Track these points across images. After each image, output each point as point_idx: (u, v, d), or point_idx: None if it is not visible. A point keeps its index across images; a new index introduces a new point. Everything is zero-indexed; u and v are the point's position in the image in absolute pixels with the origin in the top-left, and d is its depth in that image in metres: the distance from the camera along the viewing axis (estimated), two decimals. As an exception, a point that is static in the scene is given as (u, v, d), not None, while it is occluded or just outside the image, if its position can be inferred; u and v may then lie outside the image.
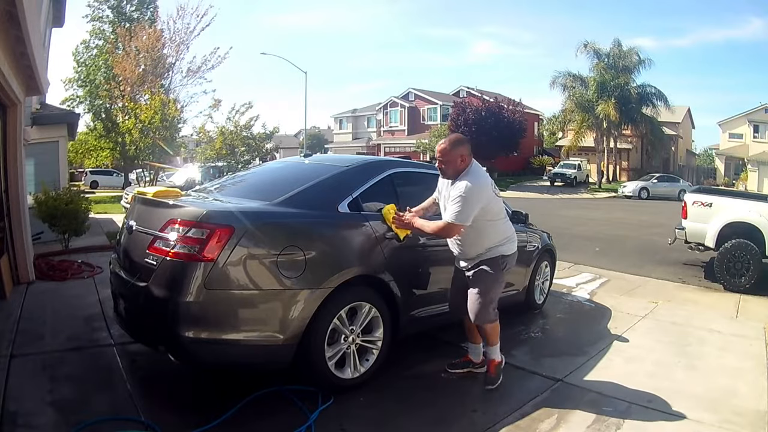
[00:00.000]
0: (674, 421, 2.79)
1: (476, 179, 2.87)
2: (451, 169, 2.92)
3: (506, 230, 3.09)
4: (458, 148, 2.92)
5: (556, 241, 5.51)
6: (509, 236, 3.09)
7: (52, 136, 9.40)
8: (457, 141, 2.98)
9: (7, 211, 5.00)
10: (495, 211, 2.98)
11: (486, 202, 2.88)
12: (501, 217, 3.05)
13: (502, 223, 3.06)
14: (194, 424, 2.40)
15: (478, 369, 3.28)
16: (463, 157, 2.93)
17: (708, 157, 54.19)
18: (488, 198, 2.91)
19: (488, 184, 2.94)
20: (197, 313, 2.45)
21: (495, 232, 3.00)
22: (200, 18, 21.99)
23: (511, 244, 3.10)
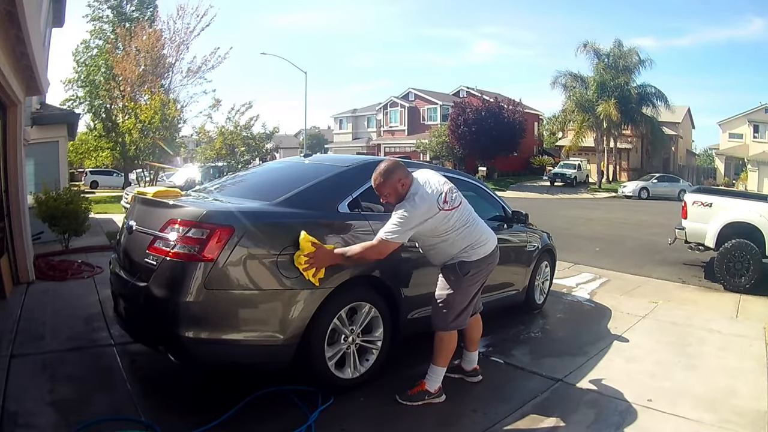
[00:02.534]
0: (674, 421, 2.79)
1: (414, 201, 2.68)
2: (394, 198, 2.77)
3: (469, 239, 2.84)
4: (392, 177, 2.74)
5: (556, 241, 5.51)
6: (474, 243, 2.85)
7: (52, 136, 9.39)
8: (387, 171, 2.77)
9: (7, 211, 5.00)
10: (448, 226, 2.76)
11: (429, 221, 2.69)
12: (457, 228, 2.79)
13: (460, 233, 2.81)
14: (194, 424, 2.40)
15: (469, 377, 3.20)
16: (402, 182, 2.76)
17: (708, 157, 54.19)
18: (431, 216, 2.69)
19: (431, 203, 2.70)
20: (197, 313, 2.45)
21: (453, 245, 2.83)
22: (200, 18, 22.07)
23: (475, 250, 2.86)
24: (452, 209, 2.79)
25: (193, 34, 22.14)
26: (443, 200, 2.76)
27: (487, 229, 3.00)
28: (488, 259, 2.93)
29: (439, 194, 2.76)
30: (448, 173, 4.25)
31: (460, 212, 2.82)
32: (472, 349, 3.20)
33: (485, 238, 2.93)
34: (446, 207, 2.76)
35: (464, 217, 2.85)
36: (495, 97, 31.56)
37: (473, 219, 2.92)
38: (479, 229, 2.92)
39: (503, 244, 4.30)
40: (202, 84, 25.90)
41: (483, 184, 4.79)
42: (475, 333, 3.19)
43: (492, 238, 2.98)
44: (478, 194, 4.47)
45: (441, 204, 2.73)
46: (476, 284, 2.93)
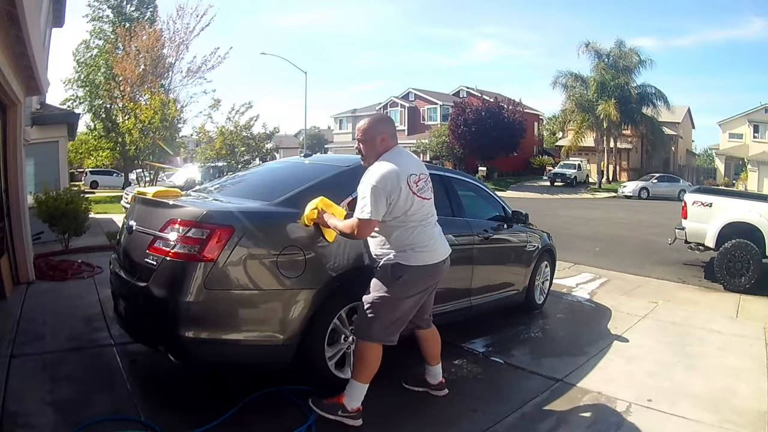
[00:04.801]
0: (674, 421, 2.79)
1: (387, 165, 2.46)
2: (367, 150, 2.59)
3: (414, 238, 2.53)
4: (377, 127, 2.59)
5: (556, 241, 5.51)
6: (417, 244, 2.53)
7: (52, 136, 9.39)
8: (377, 118, 2.65)
9: (7, 211, 5.00)
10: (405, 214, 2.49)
11: (396, 194, 2.44)
12: (410, 221, 2.51)
13: (409, 229, 2.52)
14: (194, 424, 2.40)
15: (434, 391, 2.97)
16: (383, 138, 2.56)
17: (708, 157, 54.18)
18: (400, 189, 2.44)
19: (402, 176, 2.45)
20: (197, 313, 2.45)
21: (396, 238, 2.53)
22: (200, 18, 22.06)
23: (417, 253, 2.53)
24: (419, 196, 2.53)
25: (192, 34, 22.16)
26: (414, 181, 2.52)
27: (442, 240, 2.71)
28: (429, 270, 2.58)
29: (411, 173, 2.52)
30: (449, 173, 4.27)
31: (423, 206, 2.56)
32: (433, 363, 2.97)
33: (433, 244, 2.60)
34: (414, 189, 2.51)
35: (423, 214, 2.57)
36: (495, 97, 31.57)
37: (432, 222, 2.65)
38: (432, 233, 2.62)
39: (503, 244, 4.35)
40: (202, 84, 25.92)
41: (483, 184, 4.79)
42: (431, 348, 2.94)
43: (442, 249, 2.67)
44: (478, 194, 4.49)
45: (411, 184, 2.50)
46: (411, 297, 2.58)
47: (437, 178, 3.96)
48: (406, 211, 2.49)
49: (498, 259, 4.29)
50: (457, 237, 3.75)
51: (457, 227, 3.79)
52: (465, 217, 3.91)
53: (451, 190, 3.97)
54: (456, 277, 3.77)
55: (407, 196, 2.48)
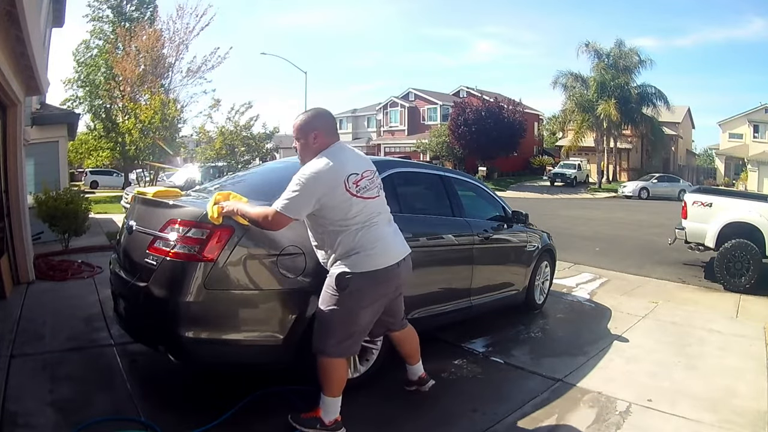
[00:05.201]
0: (674, 421, 2.79)
1: (323, 163, 2.27)
2: (301, 150, 2.43)
3: (358, 240, 2.31)
4: (310, 123, 2.40)
5: (556, 241, 5.51)
6: (361, 248, 2.31)
7: (52, 136, 9.40)
8: (311, 115, 2.45)
9: (7, 211, 5.00)
10: (346, 216, 2.29)
11: (330, 196, 2.25)
12: (354, 224, 2.31)
13: (353, 232, 2.32)
14: (194, 424, 2.40)
15: (422, 387, 2.93)
16: (317, 135, 2.37)
17: (708, 157, 54.19)
18: (333, 191, 2.25)
19: (336, 175, 2.26)
20: (197, 313, 2.45)
21: (340, 244, 2.33)
22: (199, 18, 22.08)
23: (361, 257, 2.31)
24: (359, 197, 2.31)
25: (192, 34, 22.20)
26: (354, 181, 2.30)
27: (396, 240, 2.47)
28: (380, 276, 2.35)
29: (351, 173, 2.31)
30: (449, 173, 4.27)
31: (365, 206, 2.33)
32: (412, 363, 2.90)
33: (382, 246, 2.36)
34: (353, 190, 2.29)
35: (368, 214, 2.34)
36: (495, 97, 31.58)
37: (380, 222, 2.40)
38: (379, 234, 2.37)
39: (503, 244, 4.35)
40: (202, 84, 25.96)
41: (483, 184, 4.79)
42: (408, 347, 2.84)
43: (395, 251, 2.43)
44: (478, 194, 4.49)
45: (349, 184, 2.28)
46: (366, 308, 2.38)
47: (437, 178, 3.98)
48: (345, 213, 2.29)
49: (498, 259, 4.29)
50: (457, 237, 3.75)
51: (457, 227, 3.80)
52: (465, 217, 3.91)
53: (451, 190, 3.97)
54: (456, 277, 3.77)
55: (345, 198, 2.27)
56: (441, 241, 3.63)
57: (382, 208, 2.46)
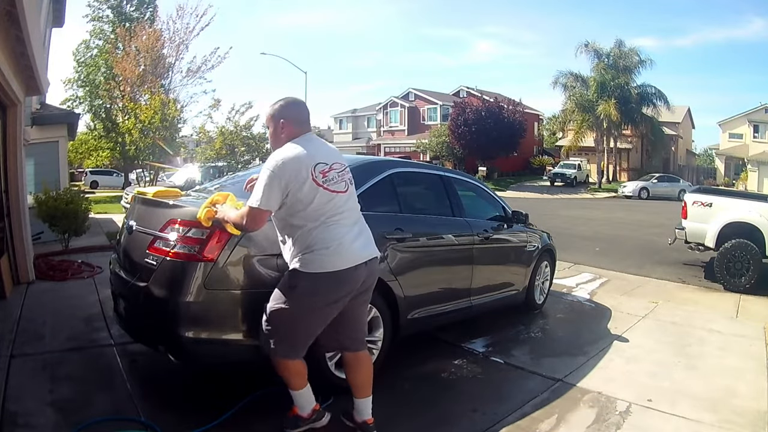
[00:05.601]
0: (674, 421, 2.79)
1: (290, 150, 2.19)
2: (271, 138, 2.36)
3: (315, 237, 2.19)
4: (280, 112, 2.33)
5: (556, 241, 5.51)
6: (317, 245, 2.18)
7: (52, 136, 9.40)
8: (284, 103, 2.37)
9: (7, 211, 5.00)
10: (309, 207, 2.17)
11: (296, 183, 2.14)
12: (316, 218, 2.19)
13: (314, 227, 2.19)
14: (194, 424, 2.40)
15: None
16: (285, 125, 2.30)
17: (708, 157, 54.19)
18: (302, 178, 2.15)
19: (302, 165, 2.16)
20: (197, 313, 2.45)
21: (299, 239, 2.21)
22: (199, 18, 22.04)
23: (315, 256, 2.18)
24: (326, 189, 2.19)
25: (192, 34, 22.14)
26: (321, 171, 2.20)
27: (360, 242, 2.28)
28: (332, 278, 2.19)
29: (319, 162, 2.21)
30: (449, 173, 4.28)
31: (331, 200, 2.21)
32: (358, 396, 2.45)
33: (339, 246, 2.19)
34: (319, 180, 2.18)
35: (332, 210, 2.21)
36: (495, 97, 31.58)
37: (345, 222, 2.25)
38: (339, 233, 2.21)
39: (503, 244, 4.35)
40: (202, 84, 25.86)
41: (483, 184, 4.80)
42: (357, 376, 2.45)
43: (355, 254, 2.24)
44: (478, 194, 4.49)
45: (316, 173, 2.18)
46: (313, 312, 2.24)
47: (437, 178, 3.98)
48: (309, 205, 2.16)
49: (498, 259, 4.29)
50: (457, 237, 3.75)
51: (457, 227, 3.80)
52: (465, 217, 3.92)
53: (451, 190, 3.98)
54: (456, 277, 3.78)
55: (310, 187, 2.15)
56: (441, 241, 3.63)
57: (348, 205, 2.30)
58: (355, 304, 2.37)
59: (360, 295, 2.35)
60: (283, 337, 2.26)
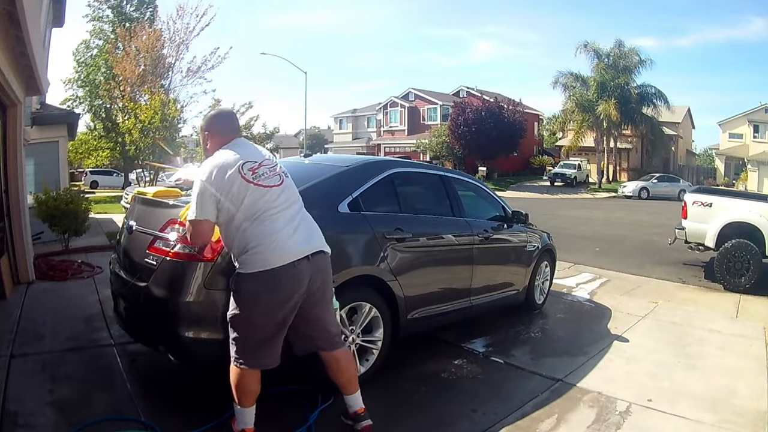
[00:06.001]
0: (674, 421, 2.79)
1: (207, 164, 2.18)
2: (204, 152, 2.35)
3: (251, 236, 2.13)
4: (206, 124, 2.35)
5: (556, 241, 5.51)
6: (259, 244, 2.12)
7: (52, 136, 9.41)
8: (209, 117, 2.39)
9: (7, 211, 5.00)
10: (242, 205, 2.12)
11: (227, 185, 2.11)
12: (249, 216, 2.13)
13: (250, 224, 2.13)
14: (194, 424, 2.40)
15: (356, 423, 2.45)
16: (210, 136, 2.31)
17: (708, 157, 54.20)
18: (231, 179, 2.11)
19: (225, 168, 2.12)
20: (197, 313, 2.45)
21: (239, 241, 2.16)
22: (200, 18, 22.03)
23: (251, 257, 2.12)
24: (257, 185, 2.15)
25: (192, 34, 22.13)
26: (250, 168, 2.16)
27: (299, 235, 2.21)
28: (270, 280, 2.11)
29: (247, 161, 2.18)
30: (449, 173, 4.28)
31: (264, 195, 2.16)
32: (346, 393, 2.45)
33: (273, 243, 2.12)
34: (249, 177, 2.14)
35: (266, 204, 2.15)
36: (495, 97, 31.58)
37: (280, 216, 2.18)
38: (274, 228, 2.14)
39: (503, 244, 4.35)
40: (202, 84, 25.88)
41: (483, 184, 4.80)
42: (339, 375, 2.42)
43: (287, 250, 2.14)
44: (478, 194, 4.49)
45: (245, 170, 2.14)
46: (264, 315, 2.15)
47: (437, 178, 3.99)
48: (241, 204, 2.12)
49: (498, 259, 4.30)
50: (457, 237, 3.76)
51: (457, 227, 3.80)
52: (465, 217, 3.92)
53: (451, 190, 3.98)
54: (456, 277, 3.78)
55: (240, 186, 2.12)
56: (441, 241, 3.63)
57: (284, 198, 2.23)
58: (313, 304, 2.28)
59: (313, 295, 2.26)
60: (242, 343, 2.19)
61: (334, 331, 2.43)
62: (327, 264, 2.34)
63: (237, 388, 2.22)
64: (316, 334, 2.36)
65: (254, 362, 2.20)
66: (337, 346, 2.42)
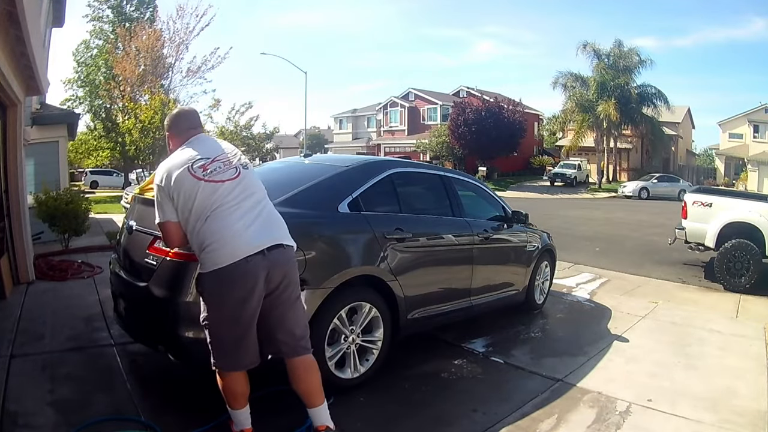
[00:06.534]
0: (674, 421, 2.79)
1: (167, 161, 2.20)
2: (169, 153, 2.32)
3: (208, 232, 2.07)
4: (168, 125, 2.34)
5: (556, 241, 5.51)
6: (211, 241, 2.06)
7: (52, 136, 9.40)
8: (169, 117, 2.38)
9: (7, 211, 5.00)
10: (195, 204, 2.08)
11: (177, 186, 2.09)
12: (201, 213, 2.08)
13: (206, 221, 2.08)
14: (194, 424, 2.41)
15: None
16: (171, 136, 2.32)
17: (708, 157, 54.20)
18: (180, 180, 2.10)
19: (178, 163, 2.13)
20: (197, 313, 2.44)
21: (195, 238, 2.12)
22: (200, 18, 22.09)
23: (210, 255, 2.07)
24: (208, 181, 2.09)
25: (192, 34, 22.21)
26: (200, 166, 2.12)
27: (252, 229, 2.10)
28: (224, 278, 2.04)
29: (198, 158, 2.14)
30: (449, 173, 4.28)
31: (217, 191, 2.09)
32: (309, 405, 2.26)
33: (220, 240, 2.04)
34: (198, 174, 2.10)
35: (218, 199, 2.08)
36: (495, 97, 31.57)
37: (234, 209, 2.09)
38: (224, 224, 2.06)
39: (503, 244, 4.35)
40: (202, 84, 26.00)
41: (483, 184, 4.80)
42: (301, 383, 2.24)
43: (239, 245, 2.05)
44: (478, 194, 4.49)
45: (194, 168, 2.11)
46: (226, 313, 2.09)
47: (437, 178, 3.99)
48: (194, 202, 2.08)
49: (498, 259, 4.30)
50: (457, 237, 3.76)
51: (457, 227, 3.80)
52: (465, 217, 3.92)
53: (451, 190, 3.98)
54: (456, 277, 3.78)
55: (191, 184, 2.08)
56: (441, 241, 3.63)
57: (240, 190, 2.14)
58: (276, 303, 2.16)
59: (275, 292, 2.14)
60: (216, 345, 2.15)
61: (299, 334, 2.23)
62: (287, 259, 2.18)
63: (224, 392, 2.21)
64: (280, 336, 2.19)
65: (232, 364, 2.15)
66: (301, 352, 2.22)
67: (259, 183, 2.27)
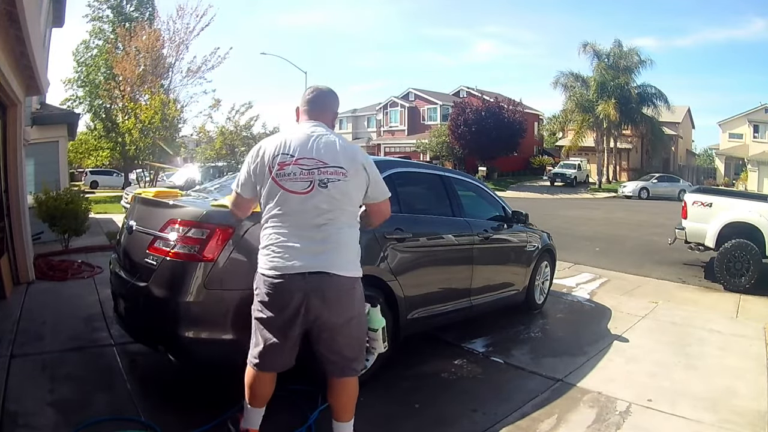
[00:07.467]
0: (674, 421, 2.79)
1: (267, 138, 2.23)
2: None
3: (266, 236, 2.11)
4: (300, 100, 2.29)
5: (556, 241, 5.51)
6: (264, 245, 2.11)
7: (52, 136, 9.40)
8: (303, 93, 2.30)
9: (7, 211, 5.00)
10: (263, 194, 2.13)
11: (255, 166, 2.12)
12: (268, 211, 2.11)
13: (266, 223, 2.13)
14: (194, 424, 2.40)
15: None
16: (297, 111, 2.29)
17: (708, 157, 54.20)
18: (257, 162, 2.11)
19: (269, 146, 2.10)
20: (197, 313, 2.45)
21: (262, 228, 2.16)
22: (200, 18, 22.02)
23: (261, 258, 2.11)
24: (276, 183, 2.01)
25: (192, 34, 22.11)
26: (279, 162, 2.01)
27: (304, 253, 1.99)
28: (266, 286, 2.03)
29: (283, 152, 2.03)
30: (449, 173, 4.28)
31: (278, 197, 2.01)
32: (337, 419, 2.23)
33: (275, 250, 2.01)
34: (275, 170, 2.01)
35: (280, 207, 2.01)
36: (495, 97, 31.57)
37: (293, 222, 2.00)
38: (281, 238, 2.01)
39: (503, 244, 4.35)
40: (202, 84, 25.83)
41: (483, 184, 4.80)
42: (340, 400, 2.22)
43: (290, 262, 1.98)
44: (478, 194, 4.50)
45: (274, 163, 2.02)
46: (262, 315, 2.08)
47: (437, 178, 3.99)
48: (264, 189, 2.05)
49: (498, 259, 4.30)
50: (457, 237, 3.76)
51: (457, 227, 3.80)
52: (465, 217, 3.92)
53: (451, 190, 3.98)
54: (456, 277, 3.78)
55: (264, 178, 2.04)
56: (441, 241, 3.63)
57: (305, 208, 1.99)
58: (323, 328, 2.07)
59: (320, 318, 2.03)
60: (253, 342, 2.15)
61: (350, 356, 2.15)
62: (329, 286, 2.02)
63: (247, 386, 2.21)
64: (329, 356, 2.14)
65: (262, 364, 2.13)
66: (348, 373, 2.17)
67: (331, 205, 2.02)
